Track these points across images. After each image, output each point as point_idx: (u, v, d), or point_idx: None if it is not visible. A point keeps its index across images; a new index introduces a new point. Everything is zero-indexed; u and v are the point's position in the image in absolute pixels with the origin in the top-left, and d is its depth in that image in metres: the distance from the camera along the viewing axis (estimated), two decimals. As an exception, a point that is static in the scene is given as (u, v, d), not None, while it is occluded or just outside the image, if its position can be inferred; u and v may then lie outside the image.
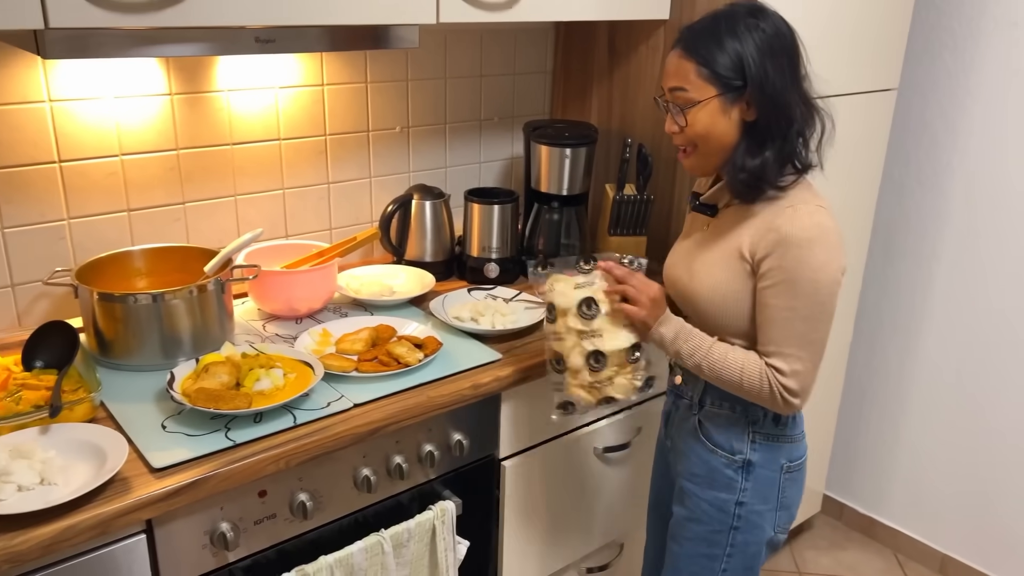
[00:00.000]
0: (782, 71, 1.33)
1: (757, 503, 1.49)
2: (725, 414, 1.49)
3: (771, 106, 1.34)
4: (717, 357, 1.41)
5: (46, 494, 1.15)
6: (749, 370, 1.38)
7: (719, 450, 1.49)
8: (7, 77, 1.52)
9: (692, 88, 1.35)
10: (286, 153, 1.91)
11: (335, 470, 1.43)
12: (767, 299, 1.36)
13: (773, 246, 1.34)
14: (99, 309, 1.50)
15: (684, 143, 1.42)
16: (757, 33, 1.33)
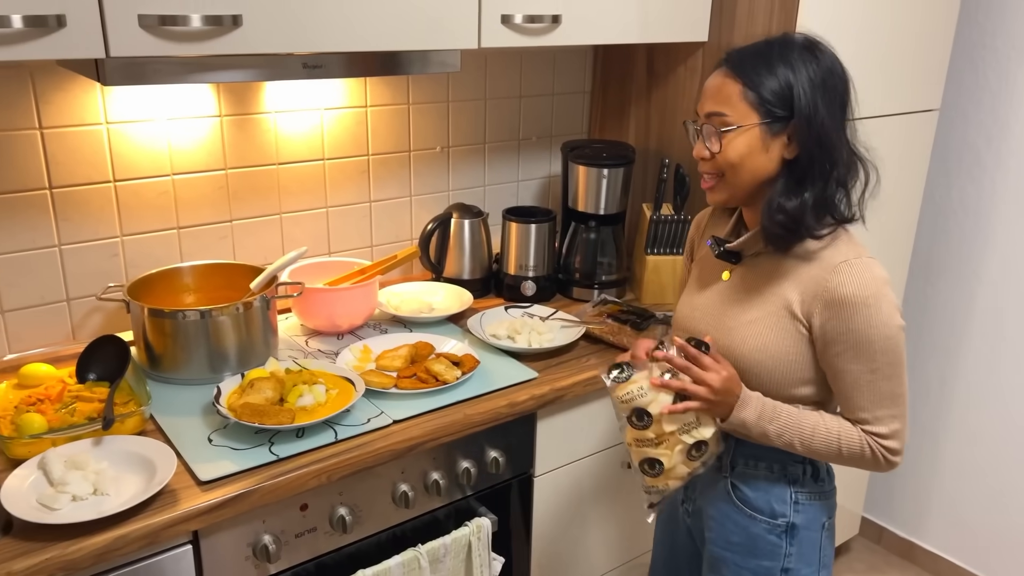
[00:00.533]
0: (832, 110, 1.25)
1: (802, 567, 1.39)
2: (763, 475, 1.38)
3: (816, 144, 1.24)
4: (808, 431, 1.29)
5: (99, 504, 1.20)
6: (847, 438, 1.29)
7: (759, 515, 1.38)
8: (67, 101, 1.59)
9: (733, 112, 1.26)
10: (330, 173, 1.95)
11: (374, 485, 1.46)
12: (843, 365, 1.27)
13: (834, 308, 1.25)
14: (149, 324, 1.55)
15: (712, 170, 1.31)
16: (811, 65, 1.24)
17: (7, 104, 1.53)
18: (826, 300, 1.26)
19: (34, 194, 1.60)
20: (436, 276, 2.07)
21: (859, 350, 1.25)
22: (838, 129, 1.26)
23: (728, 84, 1.27)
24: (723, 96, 1.27)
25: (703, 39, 1.99)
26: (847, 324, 1.25)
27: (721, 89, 1.28)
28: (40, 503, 1.18)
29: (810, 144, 1.24)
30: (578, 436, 1.75)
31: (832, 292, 1.26)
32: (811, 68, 1.24)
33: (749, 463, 1.38)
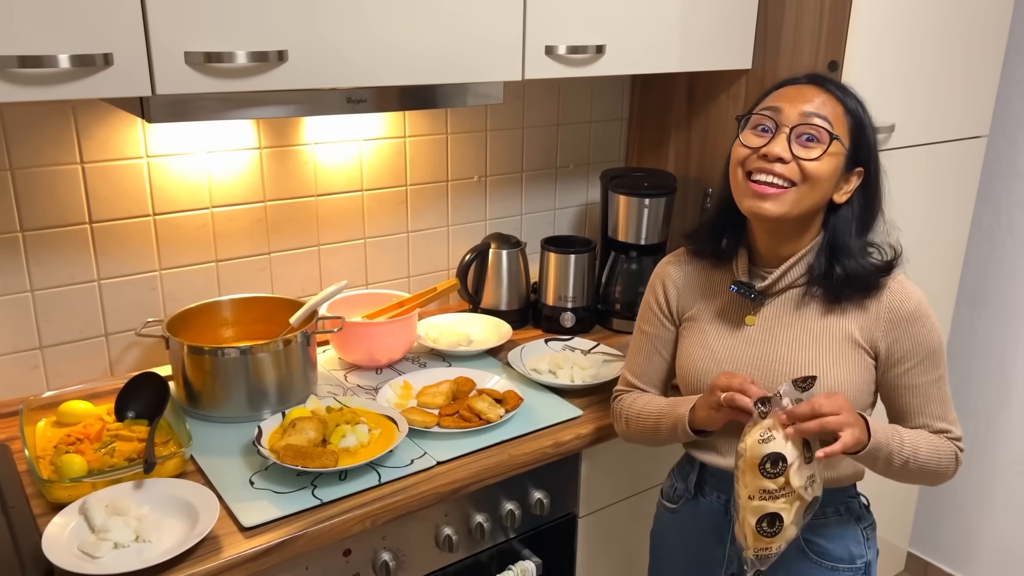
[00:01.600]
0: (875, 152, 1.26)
1: None
2: (832, 520, 1.32)
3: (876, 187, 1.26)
4: (910, 444, 1.22)
5: (141, 552, 1.17)
6: (943, 449, 1.26)
7: (840, 564, 1.32)
8: (109, 136, 1.58)
9: (838, 128, 1.19)
10: (368, 204, 1.93)
11: (417, 528, 1.42)
12: (914, 379, 1.26)
13: (901, 326, 1.24)
14: (188, 361, 1.53)
15: (786, 175, 1.18)
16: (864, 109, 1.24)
17: (50, 140, 1.52)
18: (890, 320, 1.25)
19: (74, 229, 1.59)
20: (473, 307, 2.03)
21: (930, 361, 1.25)
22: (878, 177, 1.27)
23: (831, 101, 1.20)
24: (827, 108, 1.20)
25: (747, 67, 1.95)
26: (915, 339, 1.24)
27: (826, 101, 1.20)
28: (82, 551, 1.15)
29: (872, 189, 1.25)
30: (624, 474, 1.71)
31: (896, 311, 1.25)
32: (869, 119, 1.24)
33: (818, 510, 1.24)
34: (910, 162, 1.98)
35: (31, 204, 1.53)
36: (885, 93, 1.85)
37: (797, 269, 1.27)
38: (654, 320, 1.44)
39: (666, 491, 1.50)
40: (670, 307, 1.43)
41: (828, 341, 1.26)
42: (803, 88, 1.23)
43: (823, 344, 1.27)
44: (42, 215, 1.55)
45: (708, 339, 1.35)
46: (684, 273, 1.42)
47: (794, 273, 1.28)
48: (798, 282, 1.28)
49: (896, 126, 1.87)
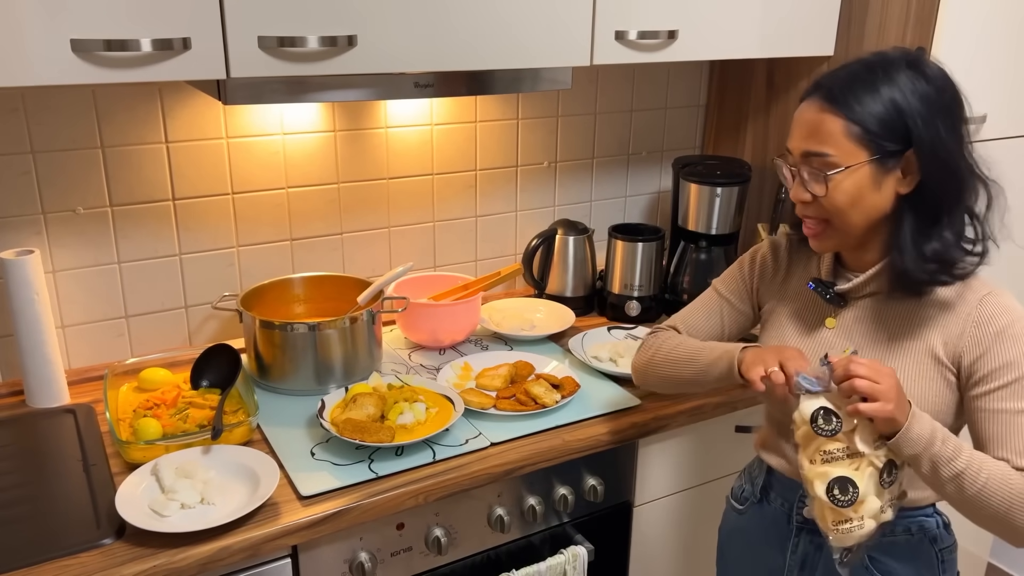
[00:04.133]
0: (952, 131, 1.11)
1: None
2: (902, 539, 1.25)
3: (944, 172, 1.10)
4: (968, 460, 1.08)
5: (205, 514, 1.23)
6: (1017, 486, 1.08)
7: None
8: (191, 117, 1.65)
9: (837, 151, 1.10)
10: (437, 187, 1.96)
11: (470, 507, 1.44)
12: (998, 404, 1.12)
13: (989, 342, 1.13)
14: (260, 335, 1.59)
15: (816, 215, 1.17)
16: (920, 83, 1.09)
17: (138, 119, 1.60)
18: (977, 337, 1.14)
19: (159, 205, 1.67)
20: (538, 292, 2.04)
21: (1018, 385, 1.12)
22: (962, 153, 1.13)
23: (827, 119, 1.11)
24: (823, 133, 1.11)
25: (829, 53, 1.89)
26: (1003, 358, 1.12)
27: (820, 126, 1.11)
28: (152, 509, 1.22)
29: (937, 174, 1.10)
30: (682, 466, 1.69)
31: (984, 326, 1.14)
32: (921, 86, 1.09)
33: (884, 528, 1.16)
34: (1005, 155, 1.87)
35: (119, 181, 1.62)
36: (976, 82, 1.74)
37: (880, 278, 1.21)
38: (734, 288, 1.41)
39: (735, 491, 1.47)
40: (754, 285, 1.39)
41: (907, 353, 1.19)
42: (805, 113, 1.15)
43: (902, 355, 1.19)
44: (129, 191, 1.63)
45: (786, 335, 1.31)
46: (781, 259, 1.37)
47: (879, 280, 1.21)
48: (882, 288, 1.22)
49: (988, 116, 1.78)
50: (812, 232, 1.20)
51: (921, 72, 1.11)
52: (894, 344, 1.21)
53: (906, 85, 1.09)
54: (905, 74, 1.10)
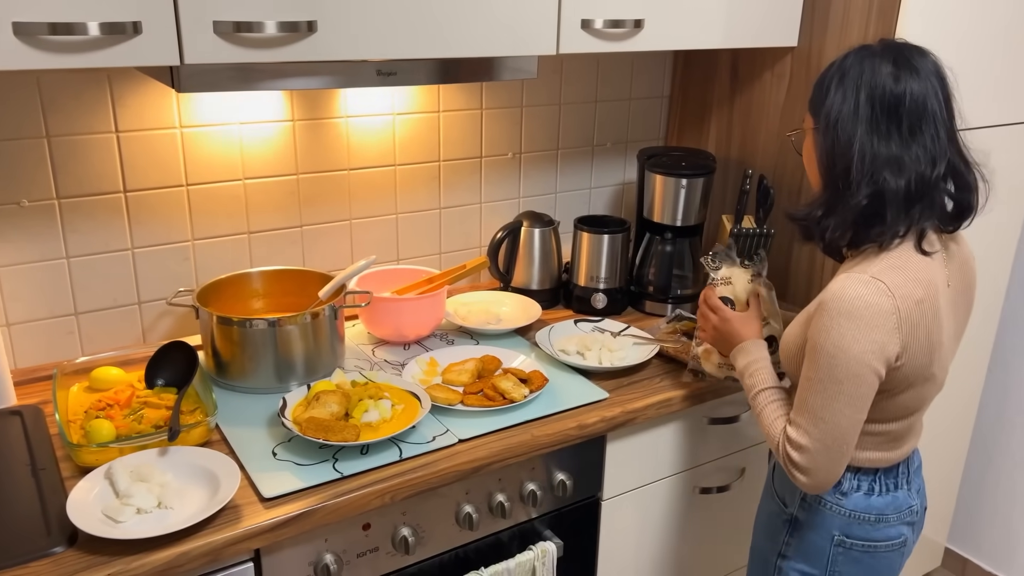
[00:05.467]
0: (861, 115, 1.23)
1: (800, 562, 1.43)
2: None
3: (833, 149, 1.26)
4: (756, 406, 1.39)
5: (162, 519, 1.18)
6: (772, 432, 1.34)
7: (776, 498, 1.48)
8: (143, 105, 1.59)
9: (807, 117, 1.35)
10: (400, 178, 1.92)
11: (438, 505, 1.41)
12: (805, 362, 1.29)
13: (817, 308, 1.26)
14: (217, 331, 1.54)
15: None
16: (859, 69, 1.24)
17: (85, 108, 1.54)
18: (818, 300, 1.27)
19: (109, 197, 1.60)
20: (504, 285, 2.02)
21: (810, 354, 1.26)
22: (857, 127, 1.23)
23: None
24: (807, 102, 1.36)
25: (792, 44, 1.89)
26: (815, 326, 1.26)
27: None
28: (105, 515, 1.17)
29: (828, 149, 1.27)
30: (649, 460, 1.68)
31: (821, 296, 1.26)
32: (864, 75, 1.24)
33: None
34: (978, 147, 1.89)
35: (67, 172, 1.55)
36: (938, 73, 1.77)
37: None
38: None
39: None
40: None
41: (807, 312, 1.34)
42: None
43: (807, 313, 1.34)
44: (77, 183, 1.56)
45: None
46: None
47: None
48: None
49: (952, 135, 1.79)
50: None
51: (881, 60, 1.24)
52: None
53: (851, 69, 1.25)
54: (870, 62, 1.24)
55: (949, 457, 2.38)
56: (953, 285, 1.34)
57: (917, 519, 1.44)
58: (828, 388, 1.24)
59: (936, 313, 1.26)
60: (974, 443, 2.52)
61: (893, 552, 1.40)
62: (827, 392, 1.24)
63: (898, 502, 1.39)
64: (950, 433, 2.32)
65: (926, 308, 1.24)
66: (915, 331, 1.23)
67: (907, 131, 1.22)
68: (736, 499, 1.87)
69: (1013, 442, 2.47)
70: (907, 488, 1.41)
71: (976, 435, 2.51)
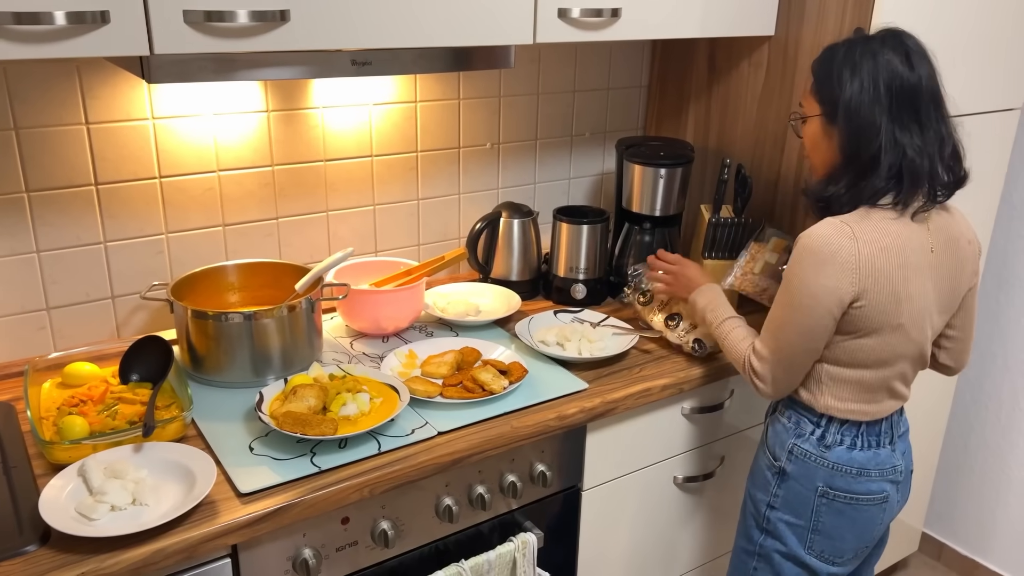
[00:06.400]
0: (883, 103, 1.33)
1: (786, 513, 1.52)
2: (782, 423, 1.54)
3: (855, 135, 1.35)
4: (719, 331, 1.55)
5: (137, 516, 1.17)
6: (739, 347, 1.50)
7: (767, 451, 1.56)
8: (114, 96, 1.56)
9: (805, 103, 1.42)
10: (377, 169, 1.91)
11: (417, 498, 1.41)
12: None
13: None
14: (192, 325, 1.52)
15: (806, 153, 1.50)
16: (872, 59, 1.33)
17: (54, 99, 1.51)
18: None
19: (80, 190, 1.58)
20: (483, 277, 2.01)
21: (783, 281, 1.42)
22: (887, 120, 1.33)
23: (809, 77, 1.42)
24: (804, 88, 1.44)
25: (769, 33, 1.89)
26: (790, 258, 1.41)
27: (805, 81, 1.44)
28: (79, 512, 1.16)
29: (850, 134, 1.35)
30: (629, 450, 1.69)
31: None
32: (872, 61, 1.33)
33: (781, 410, 1.56)
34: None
35: (36, 165, 1.52)
36: (913, 62, 1.78)
37: None
38: None
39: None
40: None
41: None
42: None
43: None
44: (47, 176, 1.54)
45: None
46: None
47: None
48: None
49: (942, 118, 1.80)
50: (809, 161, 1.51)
51: (883, 48, 1.33)
52: None
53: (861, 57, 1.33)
54: (871, 47, 1.33)
55: (925, 443, 2.40)
56: (937, 252, 1.41)
57: (902, 479, 1.52)
58: (786, 313, 1.41)
59: (905, 265, 1.36)
60: (950, 429, 2.55)
61: (874, 506, 1.49)
62: (784, 316, 1.41)
63: (880, 459, 1.47)
64: (926, 420, 2.34)
65: (892, 256, 1.35)
66: (877, 276, 1.34)
67: (924, 115, 1.34)
68: (716, 488, 1.88)
69: (988, 428, 2.50)
70: (890, 448, 1.49)
71: (952, 422, 2.54)
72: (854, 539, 1.51)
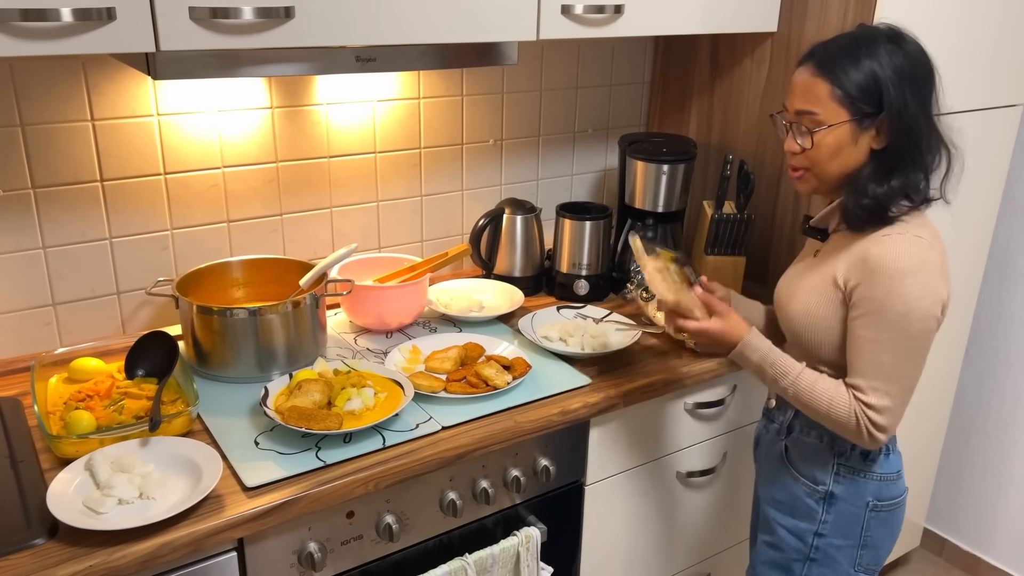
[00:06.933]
0: (920, 100, 1.29)
1: (836, 537, 1.45)
2: (812, 443, 1.45)
3: (906, 135, 1.29)
4: (805, 385, 1.36)
5: (144, 509, 1.18)
6: (838, 402, 1.33)
7: (802, 478, 1.47)
8: (119, 93, 1.57)
9: (823, 111, 1.30)
10: (381, 166, 1.91)
11: (422, 493, 1.42)
12: (856, 329, 1.32)
13: (863, 275, 1.30)
14: (197, 321, 1.53)
15: (800, 164, 1.37)
16: (897, 57, 1.28)
17: (60, 96, 1.51)
18: (860, 268, 1.31)
19: (86, 186, 1.58)
20: (486, 273, 2.02)
21: (872, 318, 1.29)
22: (926, 118, 1.30)
23: (817, 83, 1.30)
24: (813, 95, 1.31)
25: (772, 29, 1.89)
26: (869, 291, 1.29)
27: (810, 88, 1.31)
28: (86, 506, 1.17)
29: (900, 136, 1.29)
30: (632, 445, 1.69)
31: (867, 259, 1.30)
32: (897, 60, 1.28)
33: (804, 430, 1.46)
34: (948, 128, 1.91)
35: (42, 161, 1.53)
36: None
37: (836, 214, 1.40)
38: None
39: None
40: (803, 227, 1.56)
41: (823, 276, 1.38)
42: (800, 77, 1.34)
43: (819, 278, 1.39)
44: (53, 172, 1.54)
45: (795, 261, 1.54)
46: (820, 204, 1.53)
47: (836, 217, 1.41)
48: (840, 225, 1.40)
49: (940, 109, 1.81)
50: (795, 176, 1.40)
51: (899, 46, 1.29)
52: (822, 267, 1.40)
53: (884, 58, 1.27)
54: (885, 47, 1.28)
55: (927, 438, 2.41)
56: None
57: None
58: (903, 345, 1.29)
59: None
60: (951, 424, 2.55)
61: (904, 506, 1.48)
62: (902, 350, 1.29)
63: (900, 456, 1.47)
64: (928, 414, 2.35)
65: (947, 254, 1.33)
66: (949, 275, 1.33)
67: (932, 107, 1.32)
68: (718, 483, 1.89)
69: (990, 423, 2.50)
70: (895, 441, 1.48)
71: (954, 416, 2.55)
72: (891, 543, 1.49)
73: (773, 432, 1.54)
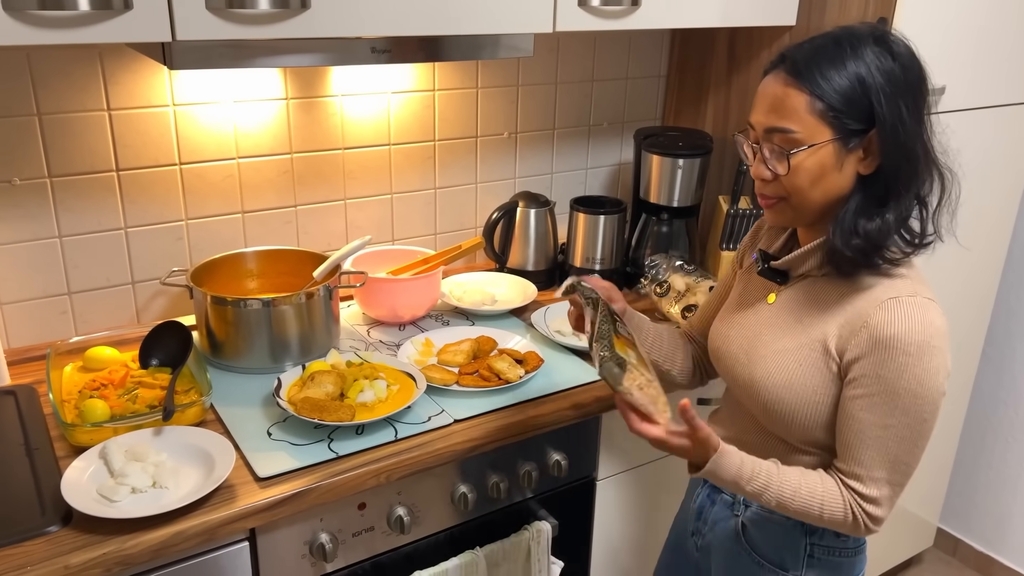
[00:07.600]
0: (915, 114, 1.07)
1: None
2: (777, 520, 1.23)
3: (901, 156, 1.06)
4: (789, 493, 1.13)
5: (158, 498, 1.18)
6: (830, 502, 1.13)
7: (766, 563, 1.25)
8: (135, 83, 1.57)
9: (801, 128, 1.06)
10: (395, 158, 1.91)
11: (433, 485, 1.42)
12: (856, 411, 1.10)
13: (870, 347, 1.08)
14: (211, 311, 1.53)
15: (775, 193, 1.13)
16: (887, 61, 1.05)
17: (77, 85, 1.52)
18: (864, 338, 1.09)
19: (102, 176, 1.59)
20: (499, 267, 2.01)
21: (880, 400, 1.08)
22: (922, 136, 1.08)
23: (791, 94, 1.06)
24: (787, 109, 1.06)
25: (791, 23, 1.87)
26: (876, 368, 1.08)
27: (784, 100, 1.07)
28: (100, 494, 1.17)
29: (893, 157, 1.06)
30: (644, 440, 1.68)
31: (873, 329, 1.08)
32: (887, 64, 1.05)
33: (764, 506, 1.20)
34: (962, 127, 1.89)
35: (58, 150, 1.54)
36: (937, 53, 1.74)
37: (816, 256, 1.17)
38: (735, 263, 1.40)
39: None
40: (743, 256, 1.37)
41: (804, 338, 1.16)
42: (770, 87, 1.10)
43: (799, 340, 1.16)
44: (69, 161, 1.55)
45: (732, 303, 1.32)
46: (763, 232, 1.34)
47: (815, 258, 1.17)
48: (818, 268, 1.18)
49: (947, 88, 1.79)
50: (767, 205, 1.16)
51: (888, 49, 1.06)
52: (799, 325, 1.17)
53: (872, 61, 1.05)
54: (872, 50, 1.05)
55: (942, 438, 2.39)
56: None
57: None
58: (912, 432, 1.09)
59: None
60: (967, 424, 2.53)
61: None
62: (911, 436, 1.09)
63: None
64: (943, 415, 2.33)
65: None
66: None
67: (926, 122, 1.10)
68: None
69: (1005, 423, 2.48)
70: None
71: (969, 416, 2.52)
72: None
73: (722, 504, 1.31)
